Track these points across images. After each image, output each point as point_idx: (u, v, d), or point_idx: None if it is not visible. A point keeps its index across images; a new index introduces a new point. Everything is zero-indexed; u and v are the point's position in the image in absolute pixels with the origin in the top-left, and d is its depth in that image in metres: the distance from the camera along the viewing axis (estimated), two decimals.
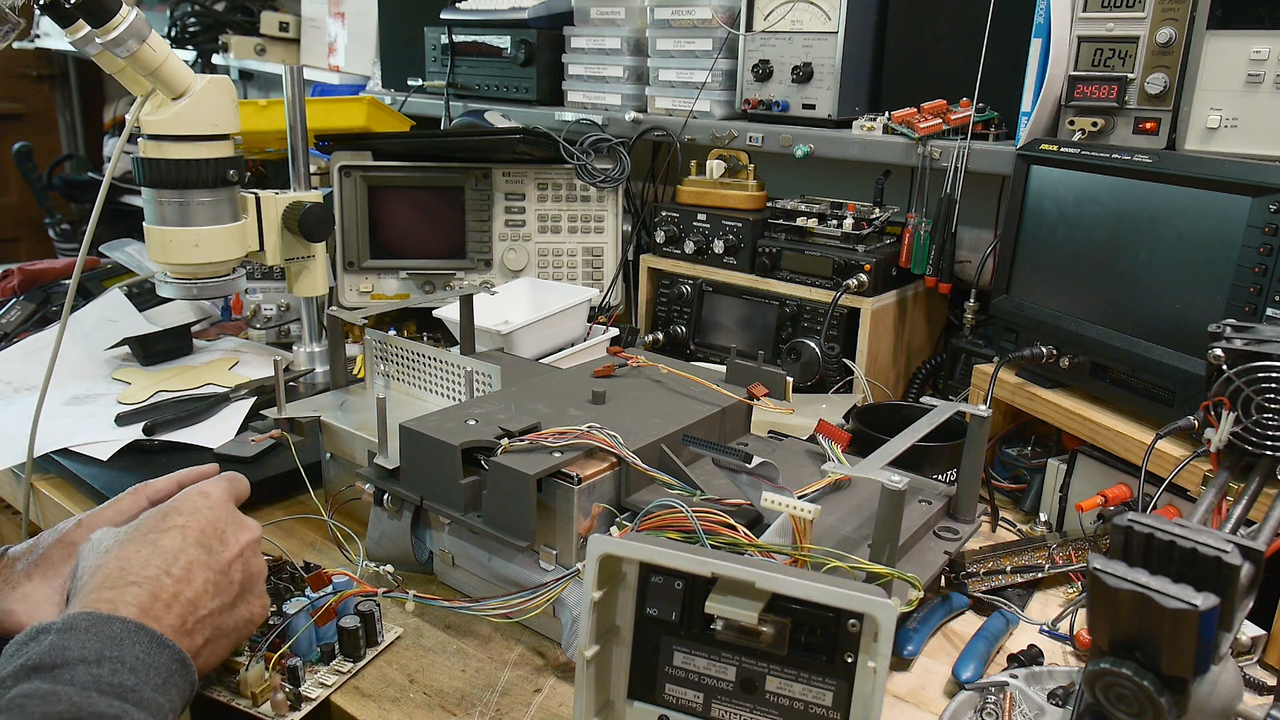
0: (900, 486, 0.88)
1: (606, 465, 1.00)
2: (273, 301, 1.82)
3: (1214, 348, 0.90)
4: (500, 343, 1.46)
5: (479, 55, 2.14)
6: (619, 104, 1.95)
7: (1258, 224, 1.04)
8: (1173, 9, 1.25)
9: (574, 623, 0.94)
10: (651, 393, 1.20)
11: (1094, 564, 0.63)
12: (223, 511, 0.90)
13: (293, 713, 0.91)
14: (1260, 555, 0.63)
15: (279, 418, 1.22)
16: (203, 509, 0.88)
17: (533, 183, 1.83)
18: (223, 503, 0.91)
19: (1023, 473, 1.37)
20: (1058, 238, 1.28)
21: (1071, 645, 1.04)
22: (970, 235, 1.68)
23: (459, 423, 1.05)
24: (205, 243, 1.40)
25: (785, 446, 1.19)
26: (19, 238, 4.50)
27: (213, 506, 0.89)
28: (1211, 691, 0.65)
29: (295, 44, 2.64)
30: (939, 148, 1.51)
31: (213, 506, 0.89)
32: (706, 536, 0.87)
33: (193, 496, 0.90)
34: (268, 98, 2.38)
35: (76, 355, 1.66)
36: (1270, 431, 0.87)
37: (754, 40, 1.73)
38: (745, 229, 1.66)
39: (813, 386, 1.58)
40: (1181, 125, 1.27)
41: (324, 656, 0.98)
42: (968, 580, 1.11)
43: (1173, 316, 1.14)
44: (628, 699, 0.81)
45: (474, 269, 1.83)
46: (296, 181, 1.59)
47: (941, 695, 0.97)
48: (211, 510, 0.89)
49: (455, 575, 1.11)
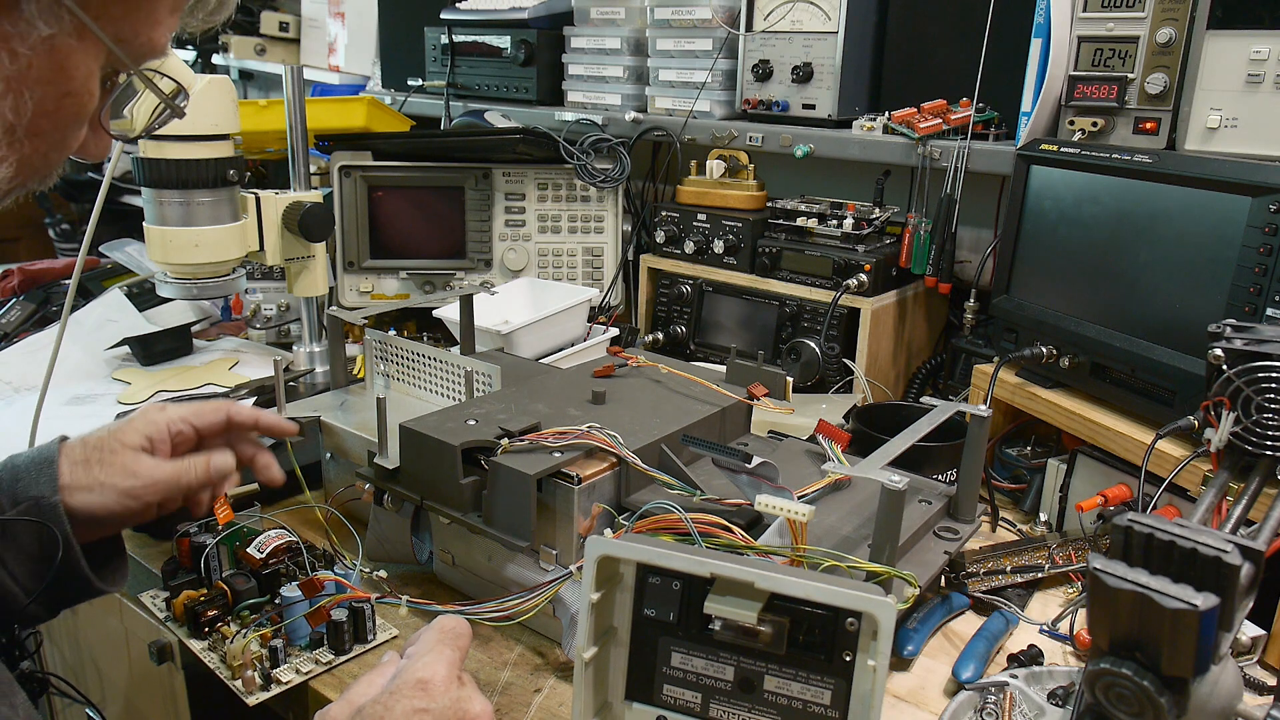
0: (900, 486, 0.87)
1: (606, 465, 1.00)
2: (273, 301, 1.82)
3: (1214, 348, 0.90)
4: (500, 343, 1.46)
5: (479, 55, 2.14)
6: (619, 104, 1.95)
7: (1258, 224, 1.04)
8: (1173, 9, 1.25)
9: (573, 622, 0.94)
10: (651, 393, 1.20)
11: (1094, 564, 0.63)
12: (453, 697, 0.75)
13: (262, 692, 0.92)
14: (1260, 555, 0.63)
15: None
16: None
17: (533, 183, 1.83)
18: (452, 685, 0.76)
19: (1023, 473, 1.37)
20: (1058, 238, 1.28)
21: (1071, 645, 1.04)
22: (970, 235, 1.68)
23: (459, 423, 1.05)
24: (205, 243, 1.40)
25: (785, 446, 1.19)
26: (19, 238, 4.50)
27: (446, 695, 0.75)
28: (1211, 691, 0.65)
29: (295, 44, 2.64)
30: (939, 148, 1.51)
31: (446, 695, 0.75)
32: (703, 539, 0.87)
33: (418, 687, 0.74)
34: (268, 98, 2.38)
35: (76, 355, 1.66)
36: (1270, 431, 0.86)
37: (754, 40, 1.73)
38: (745, 229, 1.66)
39: (813, 386, 1.58)
40: (1181, 125, 1.27)
41: (311, 644, 0.99)
42: (968, 580, 1.11)
43: (1173, 316, 1.14)
44: (626, 700, 0.81)
45: (474, 269, 1.83)
46: (296, 181, 1.59)
47: (941, 695, 0.97)
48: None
49: (455, 575, 1.11)
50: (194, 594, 1.02)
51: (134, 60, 0.64)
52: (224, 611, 1.01)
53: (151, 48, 0.64)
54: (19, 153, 0.60)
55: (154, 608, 1.06)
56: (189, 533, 1.07)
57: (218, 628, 0.99)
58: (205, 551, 1.05)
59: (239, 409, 1.07)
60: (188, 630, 1.01)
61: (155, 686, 1.20)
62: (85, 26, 0.59)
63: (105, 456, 0.97)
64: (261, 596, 1.02)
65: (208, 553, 1.05)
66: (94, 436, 0.99)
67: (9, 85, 0.57)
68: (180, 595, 1.02)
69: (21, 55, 0.57)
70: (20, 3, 0.55)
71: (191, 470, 0.99)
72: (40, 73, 0.58)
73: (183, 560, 1.07)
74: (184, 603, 1.01)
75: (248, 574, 1.04)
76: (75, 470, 0.94)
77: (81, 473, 0.94)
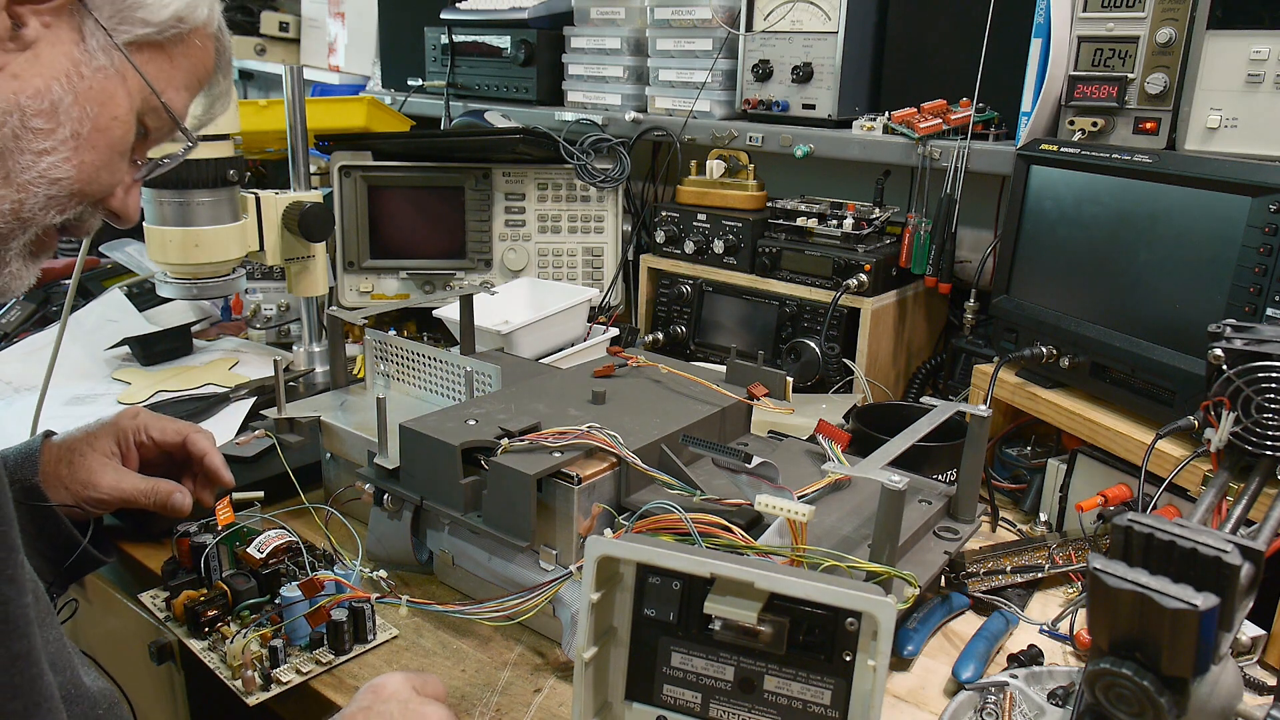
0: (900, 486, 0.88)
1: (606, 465, 1.00)
2: (273, 301, 1.82)
3: (1214, 348, 0.90)
4: (500, 343, 1.46)
5: (479, 55, 2.14)
6: (619, 104, 1.95)
7: (1258, 224, 1.04)
8: (1173, 9, 1.25)
9: (573, 622, 0.94)
10: (651, 393, 1.20)
11: (1094, 564, 0.63)
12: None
13: (261, 692, 0.92)
14: (1260, 555, 0.63)
15: (279, 418, 1.22)
16: None
17: (533, 183, 1.83)
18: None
19: (1023, 473, 1.37)
20: (1058, 238, 1.28)
21: (1071, 645, 1.04)
22: (970, 235, 1.68)
23: (459, 423, 1.05)
24: (205, 243, 1.40)
25: (785, 446, 1.19)
26: None
27: None
28: (1211, 691, 0.65)
29: (295, 44, 2.64)
30: (939, 148, 1.51)
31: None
32: (703, 539, 0.87)
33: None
34: (268, 98, 2.38)
35: (76, 355, 1.66)
36: (1270, 431, 0.86)
37: (754, 40, 1.73)
38: (745, 229, 1.66)
39: (813, 386, 1.57)
40: (1181, 125, 1.27)
41: (311, 644, 0.99)
42: (968, 580, 1.11)
43: (1173, 316, 1.14)
44: (626, 700, 0.81)
45: (474, 269, 1.83)
46: (296, 181, 1.59)
47: (941, 695, 0.97)
48: None
49: (455, 575, 1.11)
50: (194, 594, 1.02)
51: (157, 108, 0.80)
52: (224, 611, 1.01)
53: (171, 106, 0.81)
54: (80, 157, 0.75)
55: (154, 608, 1.06)
56: (189, 533, 1.07)
57: (218, 628, 0.99)
58: (205, 551, 1.05)
59: (195, 441, 1.16)
60: (188, 630, 1.01)
61: (155, 686, 1.20)
62: (128, 69, 0.76)
63: (75, 459, 1.07)
64: (261, 596, 1.02)
65: (208, 553, 1.05)
66: (71, 437, 1.10)
67: (77, 98, 0.74)
68: (180, 595, 1.02)
69: (86, 76, 0.74)
70: (86, 37, 0.74)
71: (145, 498, 1.09)
72: (98, 94, 0.75)
73: (183, 560, 1.07)
74: (184, 603, 1.01)
75: (248, 574, 1.04)
76: (50, 467, 1.05)
77: (52, 470, 1.05)
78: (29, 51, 0.71)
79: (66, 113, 0.73)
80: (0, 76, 0.70)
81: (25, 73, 0.71)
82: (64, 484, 1.05)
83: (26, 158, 0.72)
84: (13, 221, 0.73)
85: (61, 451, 1.08)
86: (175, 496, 1.11)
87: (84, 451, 1.08)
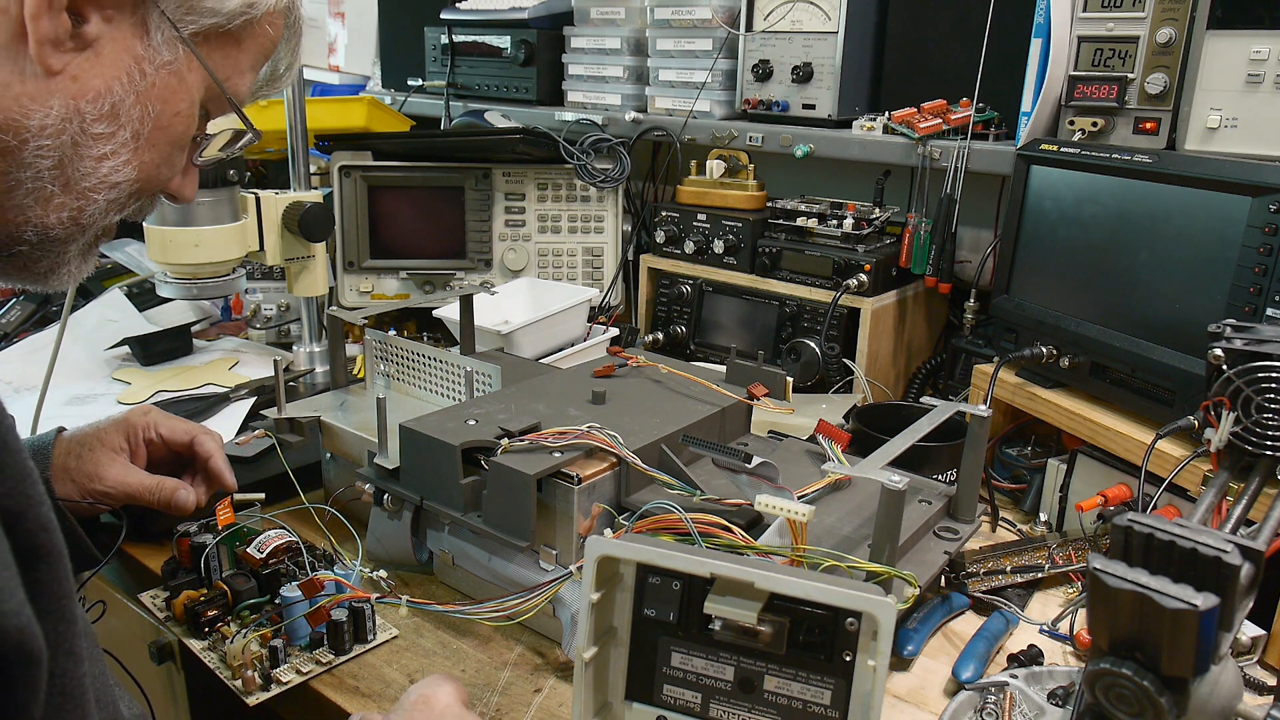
0: (900, 486, 0.87)
1: (606, 465, 1.00)
2: (273, 301, 1.82)
3: (1214, 348, 0.90)
4: (500, 343, 1.46)
5: (479, 55, 2.14)
6: (619, 104, 1.95)
7: (1258, 224, 1.04)
8: (1173, 9, 1.25)
9: (573, 622, 0.94)
10: (651, 393, 1.20)
11: (1094, 564, 0.63)
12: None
13: (262, 692, 0.92)
14: (1260, 555, 0.63)
15: (279, 418, 1.22)
16: None
17: (533, 183, 1.83)
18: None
19: (1023, 473, 1.37)
20: (1058, 238, 1.28)
21: (1071, 645, 1.04)
22: (970, 235, 1.68)
23: (459, 423, 1.05)
24: (205, 243, 1.40)
25: (785, 446, 1.19)
26: None
27: None
28: (1211, 691, 0.65)
29: None
30: (939, 148, 1.51)
31: None
32: (703, 539, 0.87)
33: None
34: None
35: (76, 355, 1.66)
36: (1270, 431, 0.86)
37: (754, 40, 1.73)
38: (745, 229, 1.66)
39: (813, 386, 1.57)
40: (1181, 125, 1.27)
41: (311, 644, 0.99)
42: (968, 580, 1.11)
43: (1173, 316, 1.14)
44: (626, 700, 0.81)
45: (474, 269, 1.83)
46: (296, 181, 1.59)
47: (941, 695, 0.97)
48: None
49: (455, 575, 1.11)
50: (194, 594, 1.02)
51: (220, 97, 0.77)
52: (224, 611, 1.01)
53: (236, 93, 0.78)
54: (140, 158, 0.72)
55: (154, 608, 1.06)
56: (189, 533, 1.07)
57: (218, 628, 0.99)
58: (205, 551, 1.05)
59: (202, 442, 1.15)
60: (188, 630, 1.01)
61: (155, 686, 1.20)
62: (193, 62, 0.73)
63: (83, 452, 1.08)
64: (261, 596, 1.02)
65: (208, 553, 1.05)
66: (81, 432, 1.11)
67: (139, 98, 0.70)
68: (180, 595, 1.02)
69: (149, 74, 0.70)
70: (150, 31, 0.70)
71: (150, 494, 1.09)
72: (161, 92, 0.72)
73: (183, 560, 1.07)
74: (184, 603, 1.01)
75: (248, 574, 1.04)
76: (59, 460, 1.06)
77: (60, 463, 1.06)
78: (89, 50, 0.67)
79: (128, 114, 0.70)
80: (59, 80, 0.66)
81: (85, 74, 0.67)
82: (71, 476, 1.06)
83: (86, 164, 0.69)
84: (72, 228, 0.71)
85: (71, 445, 1.08)
86: (179, 494, 1.10)
87: (93, 445, 1.09)
